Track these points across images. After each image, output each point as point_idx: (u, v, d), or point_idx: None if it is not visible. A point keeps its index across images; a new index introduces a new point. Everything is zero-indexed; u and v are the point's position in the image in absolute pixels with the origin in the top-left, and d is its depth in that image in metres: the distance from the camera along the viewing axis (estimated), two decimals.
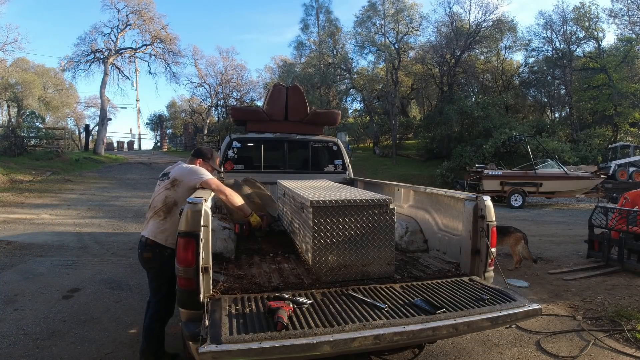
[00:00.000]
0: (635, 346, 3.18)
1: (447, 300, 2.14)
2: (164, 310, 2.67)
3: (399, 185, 3.81)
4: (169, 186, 2.57)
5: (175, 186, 2.55)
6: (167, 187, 2.57)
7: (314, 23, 29.42)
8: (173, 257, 2.55)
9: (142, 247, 2.57)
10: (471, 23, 25.46)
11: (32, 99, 25.99)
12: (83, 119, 39.86)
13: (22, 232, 7.07)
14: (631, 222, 5.19)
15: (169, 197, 2.54)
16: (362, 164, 21.26)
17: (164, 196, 2.56)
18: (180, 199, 2.51)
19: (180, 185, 2.55)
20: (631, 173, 18.28)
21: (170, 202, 2.54)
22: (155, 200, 2.60)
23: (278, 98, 4.86)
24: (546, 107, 30.66)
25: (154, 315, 2.64)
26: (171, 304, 2.70)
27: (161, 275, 2.60)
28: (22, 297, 4.05)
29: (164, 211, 2.54)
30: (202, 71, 33.47)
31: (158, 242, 2.52)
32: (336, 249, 2.43)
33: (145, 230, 2.59)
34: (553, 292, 4.56)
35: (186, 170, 2.60)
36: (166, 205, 2.54)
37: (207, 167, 2.87)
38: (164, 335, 2.72)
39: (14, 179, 13.43)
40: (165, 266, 2.56)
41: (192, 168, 2.64)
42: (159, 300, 2.64)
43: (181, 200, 2.49)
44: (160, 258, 2.54)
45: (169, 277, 2.61)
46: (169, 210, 2.54)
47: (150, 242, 2.53)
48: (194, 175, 2.57)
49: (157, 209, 2.56)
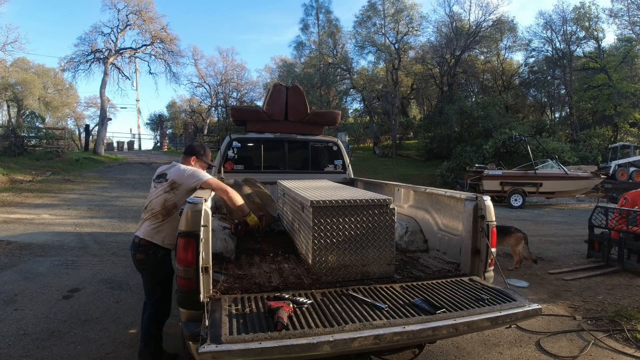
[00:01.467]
0: (635, 346, 3.18)
1: (447, 300, 2.14)
2: (160, 311, 2.67)
3: (399, 185, 3.81)
4: (168, 189, 2.55)
5: (175, 189, 2.54)
6: (166, 190, 2.55)
7: (314, 23, 29.48)
8: (167, 257, 2.55)
9: (135, 248, 2.56)
10: (471, 23, 25.50)
11: (32, 99, 25.97)
12: (83, 119, 39.91)
13: (22, 232, 7.07)
14: (631, 222, 5.19)
15: (168, 201, 2.53)
16: (362, 164, 21.26)
17: (163, 199, 2.54)
18: (180, 202, 2.50)
19: (179, 188, 2.54)
20: (631, 173, 18.27)
21: (170, 205, 2.53)
22: (153, 202, 2.58)
23: (278, 98, 4.86)
24: (546, 107, 30.68)
25: (151, 316, 2.64)
26: (166, 304, 2.70)
27: (155, 277, 2.59)
28: (22, 297, 4.05)
29: (162, 214, 2.53)
30: (202, 71, 33.53)
31: (154, 242, 2.51)
32: (336, 249, 2.43)
33: (139, 231, 2.57)
34: (553, 292, 4.56)
35: (185, 173, 2.58)
36: (165, 208, 2.53)
37: (202, 163, 2.87)
38: (162, 335, 2.72)
39: (14, 179, 13.43)
40: (159, 267, 2.56)
41: (190, 171, 2.61)
42: (154, 302, 2.63)
43: (181, 202, 2.48)
44: (154, 259, 2.53)
45: (162, 279, 2.61)
46: (168, 213, 2.53)
47: (144, 243, 2.52)
48: (193, 177, 2.56)
49: (156, 211, 2.54)
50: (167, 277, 2.65)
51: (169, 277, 2.66)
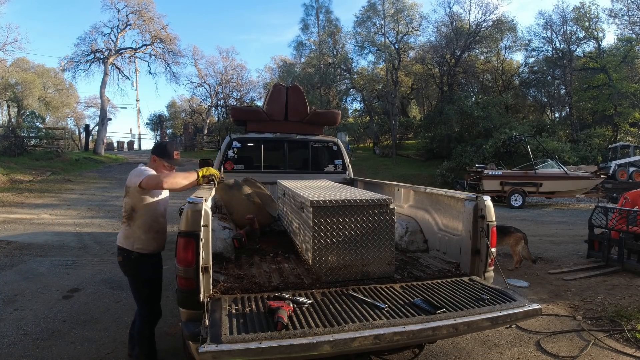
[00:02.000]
0: (635, 346, 3.18)
1: (447, 300, 2.13)
2: (149, 313, 2.65)
3: (399, 185, 3.81)
4: (125, 193, 2.55)
5: (127, 192, 2.51)
6: (125, 194, 2.54)
7: (314, 23, 29.49)
8: (139, 261, 2.53)
9: (117, 251, 2.61)
10: (471, 23, 25.50)
11: (32, 99, 25.98)
12: (83, 119, 39.90)
13: (22, 232, 7.07)
14: (631, 222, 5.19)
15: (127, 204, 2.52)
16: (362, 164, 21.27)
17: (124, 203, 2.54)
18: (136, 204, 2.48)
19: (130, 190, 2.50)
20: (631, 173, 18.27)
21: (129, 208, 2.51)
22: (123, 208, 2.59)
23: (278, 98, 4.86)
24: (546, 107, 30.68)
25: (143, 319, 2.64)
26: (155, 305, 2.68)
27: (136, 279, 2.59)
28: (22, 297, 4.06)
29: (127, 217, 2.52)
30: (202, 71, 33.51)
31: (124, 247, 2.53)
32: (336, 249, 2.43)
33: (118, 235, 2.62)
34: (553, 292, 4.56)
35: (131, 175, 2.52)
36: (126, 211, 2.52)
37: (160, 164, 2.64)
38: (154, 338, 2.70)
39: (14, 179, 13.43)
40: (137, 270, 2.56)
41: (135, 171, 2.53)
42: (141, 304, 2.63)
43: (138, 205, 2.48)
44: (129, 262, 2.54)
45: (145, 281, 2.59)
46: (130, 217, 2.51)
47: (119, 247, 2.56)
48: (135, 178, 2.46)
49: (123, 216, 2.56)
50: (150, 279, 2.63)
51: (153, 279, 2.65)
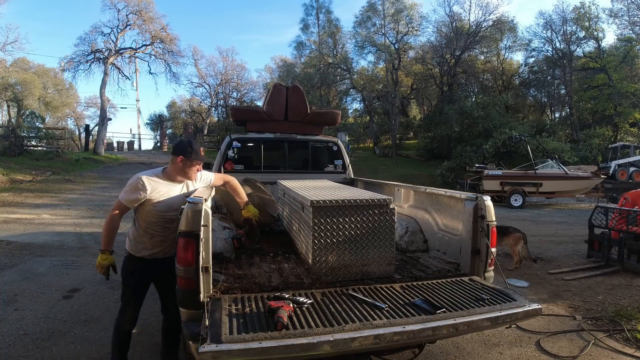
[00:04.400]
0: (635, 346, 3.18)
1: (447, 300, 2.14)
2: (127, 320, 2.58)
3: (399, 185, 3.81)
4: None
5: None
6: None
7: (314, 23, 29.50)
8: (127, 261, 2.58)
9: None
10: (471, 23, 25.51)
11: (32, 99, 25.95)
12: (83, 119, 39.93)
13: (22, 232, 7.07)
14: (631, 222, 5.19)
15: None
16: (362, 164, 21.26)
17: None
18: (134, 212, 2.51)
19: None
20: (631, 173, 18.27)
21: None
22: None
23: (278, 98, 4.86)
24: (546, 107, 30.69)
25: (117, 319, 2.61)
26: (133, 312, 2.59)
27: (123, 278, 2.60)
28: (22, 297, 4.05)
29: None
30: (202, 71, 33.54)
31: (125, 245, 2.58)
32: (336, 249, 2.43)
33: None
34: (553, 292, 4.56)
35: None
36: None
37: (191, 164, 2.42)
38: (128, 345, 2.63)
39: (14, 179, 13.43)
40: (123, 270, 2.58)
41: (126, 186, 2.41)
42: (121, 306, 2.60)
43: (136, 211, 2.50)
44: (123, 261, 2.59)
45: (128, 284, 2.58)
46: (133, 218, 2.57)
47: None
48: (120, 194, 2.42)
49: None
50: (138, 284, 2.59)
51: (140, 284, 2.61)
